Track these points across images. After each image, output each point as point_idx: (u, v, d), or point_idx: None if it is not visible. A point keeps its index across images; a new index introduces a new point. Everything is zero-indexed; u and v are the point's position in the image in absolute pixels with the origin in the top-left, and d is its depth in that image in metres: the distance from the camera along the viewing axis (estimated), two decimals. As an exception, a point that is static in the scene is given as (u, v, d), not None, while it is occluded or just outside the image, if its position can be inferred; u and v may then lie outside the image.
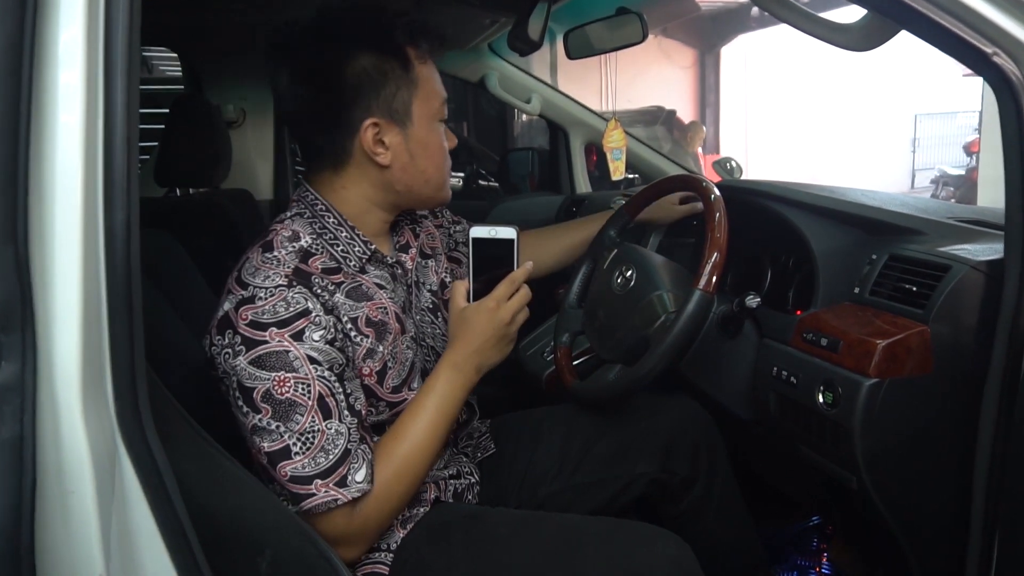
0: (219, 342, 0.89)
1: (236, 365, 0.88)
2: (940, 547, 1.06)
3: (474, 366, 0.99)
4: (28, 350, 0.60)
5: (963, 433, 0.98)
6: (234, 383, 0.88)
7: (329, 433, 0.88)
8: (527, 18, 1.76)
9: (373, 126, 0.95)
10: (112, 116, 0.65)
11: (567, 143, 2.46)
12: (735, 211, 1.11)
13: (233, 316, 0.89)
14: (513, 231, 0.99)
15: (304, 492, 0.87)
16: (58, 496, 0.62)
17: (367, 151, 0.96)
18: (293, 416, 0.87)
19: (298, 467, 0.87)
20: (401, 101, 0.96)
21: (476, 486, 1.16)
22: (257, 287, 0.90)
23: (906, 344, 0.97)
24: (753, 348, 1.20)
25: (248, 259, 0.94)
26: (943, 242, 1.06)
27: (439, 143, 1.01)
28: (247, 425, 0.89)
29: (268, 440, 0.87)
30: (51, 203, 0.62)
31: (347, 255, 0.99)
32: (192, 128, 1.83)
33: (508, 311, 0.98)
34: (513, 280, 0.98)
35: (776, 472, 1.41)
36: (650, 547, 0.97)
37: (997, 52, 0.86)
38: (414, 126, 0.98)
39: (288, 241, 0.95)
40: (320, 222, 0.99)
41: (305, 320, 0.89)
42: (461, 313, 0.99)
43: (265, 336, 0.87)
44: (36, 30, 0.61)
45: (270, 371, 0.87)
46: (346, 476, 0.88)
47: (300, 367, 0.87)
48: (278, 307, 0.88)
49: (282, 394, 0.87)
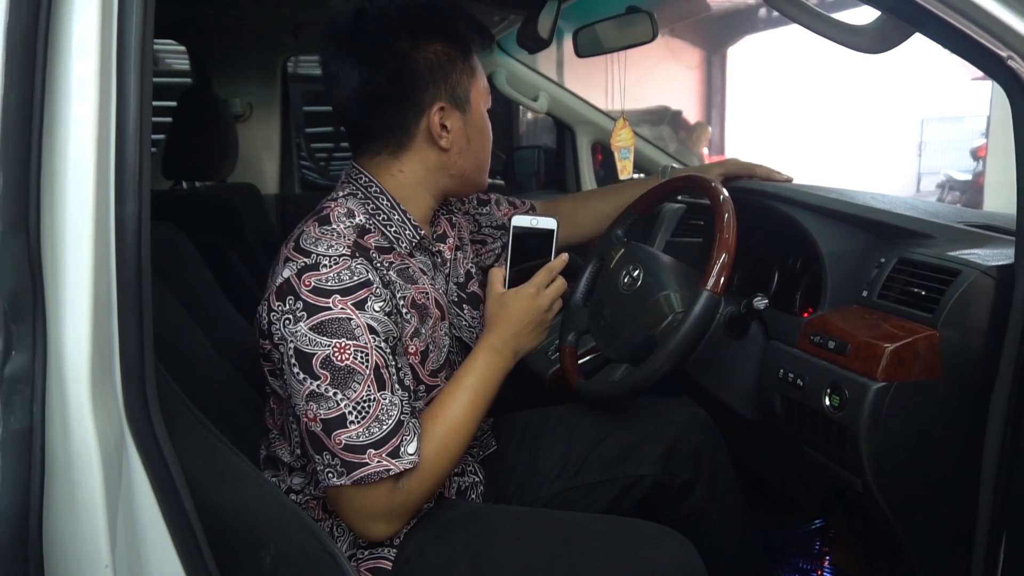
0: (279, 307, 0.90)
1: (296, 331, 0.88)
2: (945, 552, 1.06)
3: (512, 350, 1.02)
4: (39, 341, 0.60)
5: (970, 438, 0.98)
6: (291, 349, 0.88)
7: (384, 403, 0.89)
8: (537, 15, 1.76)
9: (440, 110, 0.99)
10: (125, 108, 0.65)
11: (574, 142, 2.45)
12: (743, 212, 1.11)
13: (295, 282, 0.89)
14: (553, 222, 1.03)
15: (357, 461, 0.87)
16: (66, 486, 0.62)
17: (433, 133, 0.99)
18: (351, 384, 0.87)
19: (352, 436, 0.87)
20: (463, 88, 1.00)
21: (480, 485, 1.16)
22: (321, 255, 0.91)
23: (914, 348, 0.97)
24: (760, 349, 1.19)
25: (304, 231, 0.95)
26: (953, 246, 1.06)
27: (489, 129, 1.06)
28: (302, 392, 0.88)
29: (325, 407, 0.87)
30: (63, 195, 0.62)
31: (399, 237, 1.01)
32: (199, 122, 1.83)
33: (546, 298, 1.02)
34: (551, 269, 1.03)
35: (780, 474, 1.41)
36: (653, 545, 0.97)
37: (1012, 56, 0.85)
38: (472, 112, 1.02)
39: (345, 217, 0.97)
40: (374, 203, 1.00)
41: (367, 290, 0.90)
42: (500, 298, 1.02)
43: (328, 303, 0.88)
44: (51, 21, 0.61)
45: (331, 337, 0.87)
46: (399, 447, 0.89)
47: (360, 335, 0.88)
48: (343, 275, 0.89)
49: (342, 361, 0.87)
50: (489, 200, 1.31)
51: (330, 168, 3.41)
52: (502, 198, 1.35)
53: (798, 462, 1.16)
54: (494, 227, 1.31)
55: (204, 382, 1.19)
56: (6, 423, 0.58)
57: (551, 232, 1.03)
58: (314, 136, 3.43)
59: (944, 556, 1.06)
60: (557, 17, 1.77)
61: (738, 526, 1.27)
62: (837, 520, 1.39)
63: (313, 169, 3.17)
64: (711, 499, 1.22)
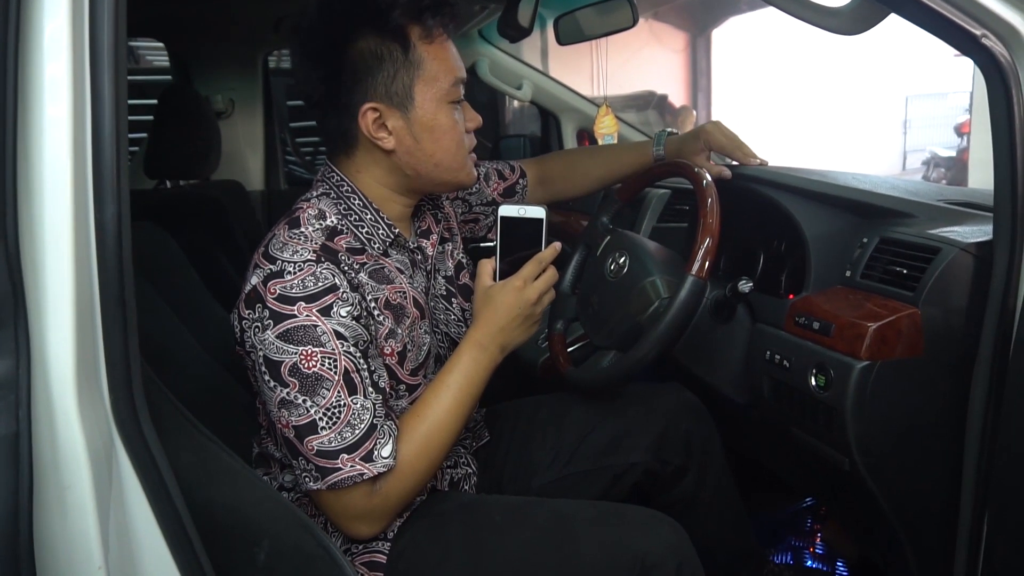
0: (248, 315, 0.89)
1: (264, 339, 0.87)
2: (931, 526, 1.07)
3: (498, 345, 0.99)
4: (21, 346, 0.60)
5: (954, 414, 0.99)
6: (261, 357, 0.88)
7: (355, 408, 0.88)
8: (517, 4, 1.75)
9: (372, 111, 0.94)
10: (100, 109, 0.65)
11: (559, 129, 2.45)
12: (727, 196, 1.11)
13: (261, 290, 0.88)
14: (542, 210, 0.99)
15: (330, 466, 0.87)
16: (55, 491, 0.62)
17: (370, 135, 0.95)
18: (319, 390, 0.87)
19: (324, 441, 0.87)
20: (401, 84, 0.94)
21: (473, 476, 1.17)
22: (285, 261, 0.90)
23: (896, 327, 0.98)
24: (746, 332, 1.20)
25: (275, 235, 0.94)
26: (933, 224, 1.07)
27: (448, 125, 0.98)
28: (274, 399, 0.88)
29: (295, 414, 0.87)
30: (40, 198, 0.62)
31: (371, 237, 0.99)
32: (181, 119, 1.81)
33: (534, 290, 0.98)
34: (540, 260, 0.99)
35: (770, 455, 1.43)
36: (645, 530, 0.98)
37: (986, 34, 0.86)
38: (416, 109, 0.96)
39: (315, 219, 0.95)
40: (345, 203, 0.99)
41: (333, 295, 0.89)
42: (487, 292, 0.99)
43: (293, 310, 0.87)
44: (20, 22, 0.61)
45: (297, 345, 0.87)
46: (372, 451, 0.89)
47: (327, 342, 0.87)
48: (307, 281, 0.88)
49: (309, 368, 0.86)
50: (478, 176, 1.28)
51: (316, 162, 3.39)
52: (491, 170, 1.32)
53: (787, 443, 1.17)
54: (485, 204, 1.29)
55: (193, 381, 1.19)
56: (-8, 429, 0.58)
57: (540, 220, 0.99)
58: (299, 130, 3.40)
59: (930, 530, 1.08)
60: (537, 5, 1.76)
61: (731, 509, 1.28)
62: (827, 498, 1.40)
63: (299, 164, 3.15)
64: (703, 484, 1.23)
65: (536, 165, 1.39)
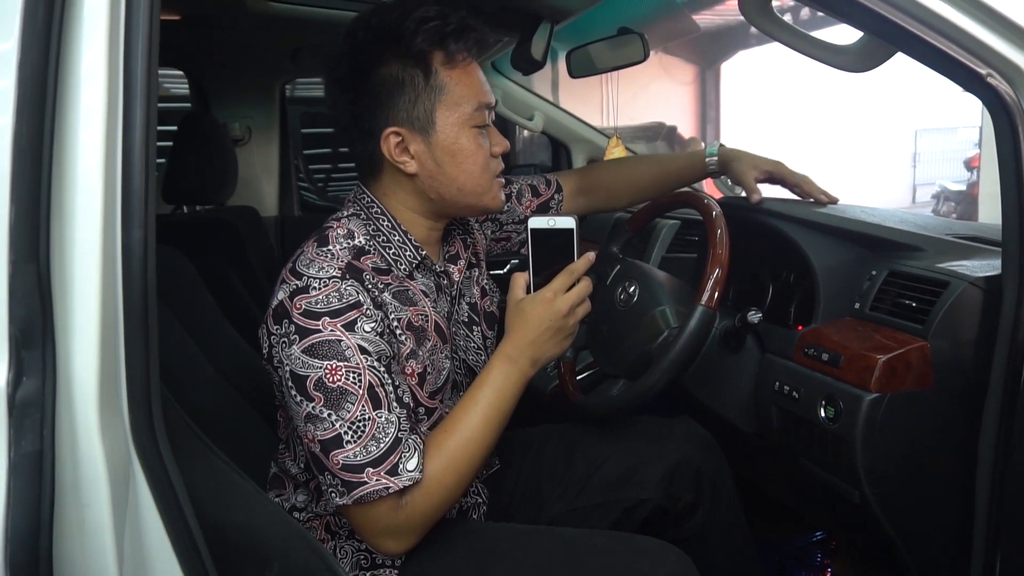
0: (276, 331, 0.91)
1: (291, 354, 0.89)
2: (943, 561, 1.06)
3: (529, 358, 0.97)
4: (48, 367, 0.61)
5: (964, 447, 0.99)
6: (287, 372, 0.89)
7: (380, 422, 0.88)
8: (530, 37, 1.78)
9: (394, 135, 0.96)
10: (131, 136, 0.67)
11: (569, 160, 2.48)
12: (736, 227, 1.13)
13: (288, 304, 0.90)
14: (572, 220, 0.98)
15: (356, 480, 0.87)
16: (75, 509, 0.63)
17: (392, 159, 0.97)
18: (344, 404, 0.87)
19: (350, 455, 0.87)
20: (423, 109, 0.95)
21: (483, 506, 1.16)
22: (311, 277, 0.91)
23: (906, 359, 0.99)
24: (755, 363, 1.21)
25: (303, 252, 0.95)
26: (941, 258, 1.08)
27: (471, 149, 0.98)
28: (300, 413, 0.89)
29: (320, 428, 0.88)
30: (72, 222, 0.64)
31: (398, 259, 1.00)
32: (199, 146, 1.85)
33: (565, 302, 0.96)
34: (572, 271, 0.97)
35: (780, 486, 1.42)
36: (652, 560, 0.97)
37: (991, 73, 0.88)
38: (438, 134, 0.96)
39: (343, 238, 0.97)
40: (375, 224, 1.00)
41: (357, 311, 0.90)
42: (518, 305, 0.98)
43: (318, 325, 0.88)
44: (60, 54, 0.63)
45: (322, 359, 0.88)
46: (397, 464, 0.88)
47: (351, 356, 0.88)
48: (331, 297, 0.90)
49: (334, 382, 0.87)
50: (511, 194, 1.28)
51: (328, 189, 3.44)
52: (525, 186, 1.30)
53: (796, 474, 1.17)
54: (516, 223, 1.28)
55: (207, 404, 1.20)
56: (17, 447, 0.59)
57: (571, 231, 0.97)
58: (312, 158, 3.46)
59: (943, 565, 1.06)
60: (550, 39, 1.80)
61: (740, 544, 1.27)
62: (837, 531, 1.39)
63: (312, 190, 3.19)
64: (713, 519, 1.22)
65: (577, 175, 1.38)
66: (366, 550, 1.01)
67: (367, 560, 1.01)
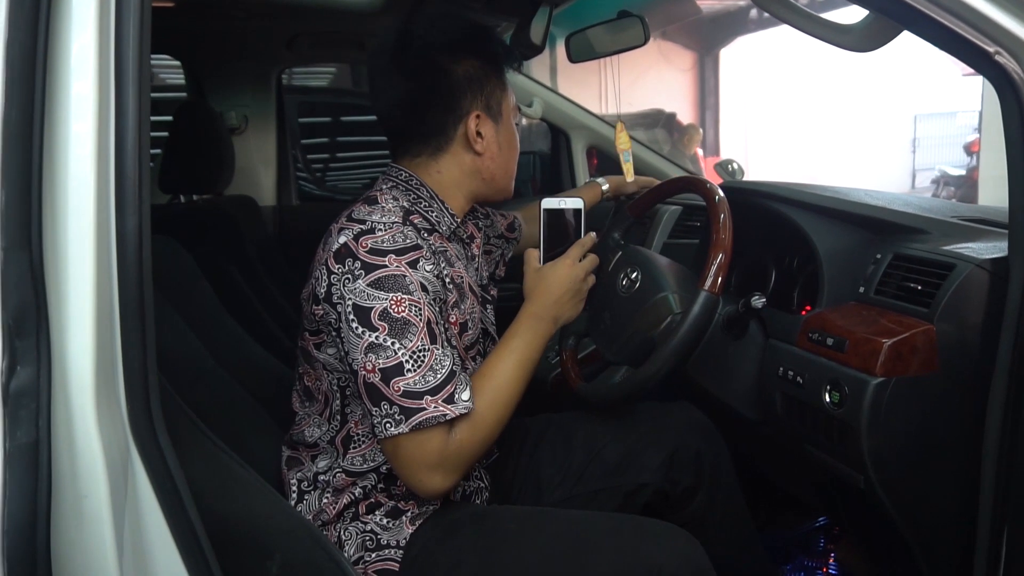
0: (338, 269, 0.96)
1: (355, 288, 0.94)
2: (948, 546, 1.06)
3: (552, 316, 1.07)
4: (43, 356, 0.61)
5: (970, 431, 0.98)
6: (350, 306, 0.94)
7: (437, 354, 0.94)
8: (529, 22, 1.77)
9: (476, 117, 1.07)
10: (123, 124, 0.66)
11: (569, 146, 2.47)
12: (739, 212, 1.12)
13: (352, 245, 0.96)
14: (580, 201, 1.12)
15: (415, 407, 0.91)
16: (73, 499, 0.63)
17: (469, 137, 1.07)
18: (407, 334, 0.93)
19: (410, 383, 0.92)
20: (496, 100, 1.10)
21: (485, 491, 1.16)
22: (376, 221, 0.99)
23: (911, 343, 0.98)
24: (759, 348, 1.20)
25: (354, 209, 1.03)
26: (947, 241, 1.07)
27: (516, 141, 1.16)
28: (361, 345, 0.93)
29: (383, 357, 0.92)
30: (64, 210, 0.63)
31: (440, 221, 1.09)
32: (195, 135, 1.83)
33: (582, 268, 1.09)
34: (583, 244, 1.10)
35: (783, 473, 1.41)
36: (660, 542, 0.98)
37: (999, 51, 0.87)
38: (504, 122, 1.12)
39: (391, 200, 1.05)
40: (415, 193, 1.08)
41: (418, 252, 0.98)
42: (538, 272, 1.09)
43: (384, 261, 0.95)
44: (49, 39, 0.62)
45: (388, 292, 0.93)
46: (453, 393, 0.94)
47: (414, 291, 0.95)
48: (396, 237, 0.97)
49: (399, 313, 0.93)
50: (489, 214, 1.37)
51: (326, 179, 3.42)
52: (495, 212, 1.42)
53: (800, 460, 1.16)
54: (496, 237, 1.36)
55: (206, 393, 1.19)
56: (13, 437, 0.58)
57: (579, 211, 1.12)
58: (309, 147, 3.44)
59: (947, 550, 1.06)
60: (549, 23, 1.78)
61: (741, 529, 1.27)
62: (841, 517, 1.39)
63: (310, 180, 3.17)
64: (713, 504, 1.22)
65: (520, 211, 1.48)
66: (371, 531, 1.02)
67: (372, 541, 1.01)
